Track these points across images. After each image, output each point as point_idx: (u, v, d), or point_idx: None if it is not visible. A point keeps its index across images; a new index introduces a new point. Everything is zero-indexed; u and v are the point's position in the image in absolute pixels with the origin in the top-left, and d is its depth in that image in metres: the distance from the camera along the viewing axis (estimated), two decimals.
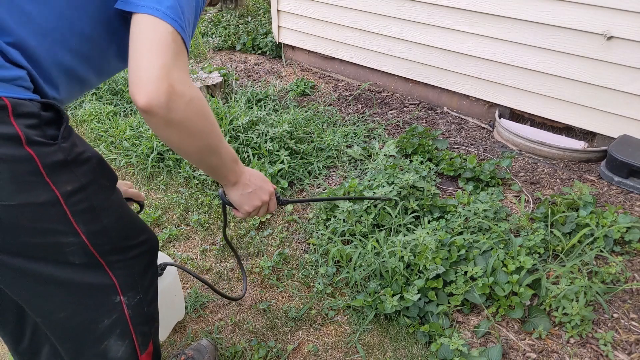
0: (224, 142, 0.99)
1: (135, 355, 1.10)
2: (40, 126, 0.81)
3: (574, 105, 2.63)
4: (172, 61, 0.81)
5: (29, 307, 0.97)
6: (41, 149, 0.81)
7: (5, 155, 0.76)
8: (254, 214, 1.20)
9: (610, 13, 2.29)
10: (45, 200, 0.83)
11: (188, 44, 0.86)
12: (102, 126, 3.04)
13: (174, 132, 0.85)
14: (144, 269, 1.06)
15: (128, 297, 1.03)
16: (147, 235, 1.06)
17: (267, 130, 2.69)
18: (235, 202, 1.15)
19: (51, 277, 0.91)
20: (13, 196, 0.79)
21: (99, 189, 0.92)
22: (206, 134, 0.91)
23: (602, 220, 1.96)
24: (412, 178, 2.13)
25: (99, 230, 0.92)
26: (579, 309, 1.63)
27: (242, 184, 1.11)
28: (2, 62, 0.78)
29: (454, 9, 2.82)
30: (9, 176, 0.78)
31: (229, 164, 1.04)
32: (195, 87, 0.86)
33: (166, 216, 2.37)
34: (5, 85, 0.77)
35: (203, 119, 0.88)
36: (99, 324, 1.01)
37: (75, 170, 0.86)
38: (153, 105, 0.79)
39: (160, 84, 0.79)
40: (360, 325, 1.77)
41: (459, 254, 1.85)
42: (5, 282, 0.92)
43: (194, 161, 0.97)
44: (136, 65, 0.80)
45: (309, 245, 2.15)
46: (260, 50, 4.29)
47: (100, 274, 0.96)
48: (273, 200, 1.23)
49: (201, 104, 0.87)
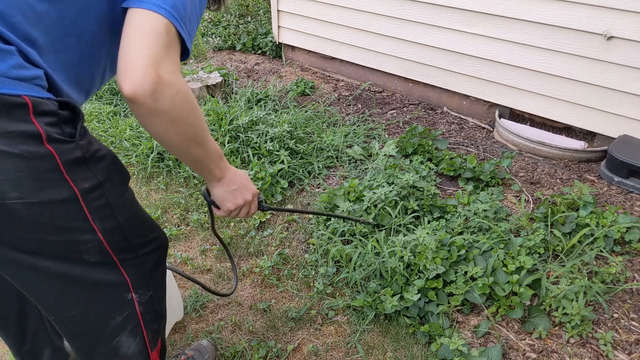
0: (210, 137, 0.99)
1: (146, 352, 1.11)
2: (59, 124, 0.82)
3: (574, 105, 2.63)
4: (163, 52, 0.80)
5: (43, 305, 0.98)
6: (60, 146, 0.81)
7: (27, 153, 0.77)
8: (234, 214, 1.19)
9: (610, 13, 2.29)
10: (64, 197, 0.83)
11: (187, 39, 0.86)
12: (102, 126, 3.04)
13: (159, 122, 0.85)
14: (154, 266, 1.07)
15: (139, 294, 1.03)
16: (157, 233, 1.07)
17: (267, 130, 2.69)
18: (218, 199, 1.15)
19: (65, 275, 0.91)
20: (34, 193, 0.79)
21: (114, 187, 0.92)
22: (191, 125, 0.90)
23: (602, 220, 1.96)
24: (412, 178, 2.13)
25: (114, 227, 0.92)
26: (579, 309, 1.63)
27: (227, 180, 1.11)
28: (22, 62, 0.78)
29: (454, 9, 2.82)
30: (30, 173, 0.78)
31: (214, 158, 1.04)
32: (184, 80, 0.86)
33: (166, 216, 2.37)
34: (25, 84, 0.78)
35: (189, 110, 0.88)
36: (111, 321, 1.02)
37: (92, 167, 0.87)
38: (138, 94, 0.79)
39: (148, 73, 0.78)
40: (360, 325, 1.77)
41: (459, 254, 1.85)
42: (19, 280, 0.92)
43: (180, 153, 0.96)
44: (125, 53, 0.80)
45: (309, 245, 2.15)
46: (260, 50, 4.29)
47: (113, 271, 0.97)
48: (255, 202, 1.22)
49: (188, 96, 0.86)
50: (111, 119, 3.10)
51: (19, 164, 0.77)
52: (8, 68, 0.76)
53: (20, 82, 0.77)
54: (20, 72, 0.77)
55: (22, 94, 0.76)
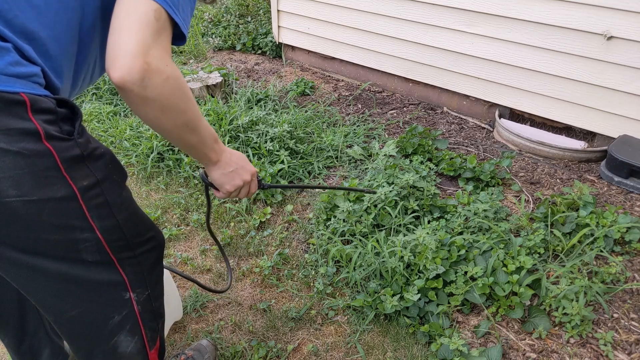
0: (204, 121, 0.98)
1: (145, 351, 1.11)
2: (57, 122, 0.82)
3: (574, 105, 2.63)
4: (152, 38, 0.80)
5: (42, 306, 0.98)
6: (59, 144, 0.81)
7: (26, 150, 0.77)
8: (234, 195, 1.20)
9: (610, 13, 2.29)
10: (63, 195, 0.83)
11: (181, 24, 0.85)
12: (102, 126, 3.04)
13: (150, 108, 0.85)
14: (152, 265, 1.07)
15: (137, 293, 1.03)
16: (155, 232, 1.07)
17: (267, 130, 2.69)
18: (217, 181, 1.15)
19: (64, 275, 0.91)
20: (33, 191, 0.79)
21: (112, 185, 0.92)
22: (183, 112, 0.90)
23: (602, 220, 1.96)
24: (412, 178, 2.13)
25: (112, 226, 0.92)
26: (579, 309, 1.63)
27: (224, 162, 1.11)
28: (19, 59, 0.78)
29: (454, 9, 2.82)
30: (30, 171, 0.78)
31: (209, 142, 1.03)
32: (175, 66, 0.85)
33: (166, 216, 2.37)
34: (23, 81, 0.77)
35: (179, 96, 0.87)
36: (110, 321, 1.02)
37: (91, 165, 0.87)
38: (126, 80, 0.79)
39: (136, 60, 0.78)
40: (360, 325, 1.77)
41: (459, 254, 1.85)
42: (19, 281, 0.92)
43: (173, 139, 0.96)
44: (114, 40, 0.80)
45: (309, 245, 2.15)
46: (260, 50, 4.29)
47: (112, 270, 0.97)
48: (254, 181, 1.22)
49: (178, 82, 0.86)
50: (111, 119, 3.10)
51: (18, 161, 0.76)
52: (5, 65, 0.75)
53: (18, 79, 0.77)
54: (17, 69, 0.77)
55: (20, 91, 0.76)
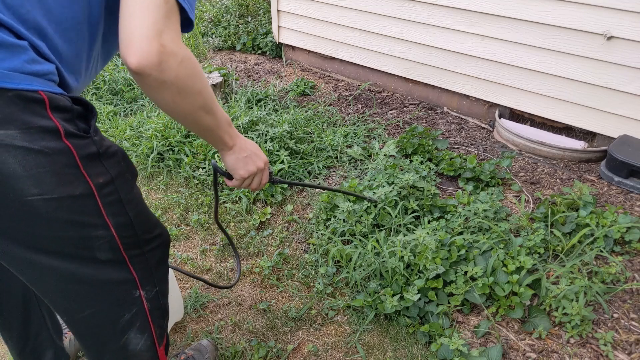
0: (217, 104, 0.98)
1: (154, 348, 1.12)
2: (73, 120, 0.82)
3: (574, 105, 2.63)
4: (164, 21, 0.80)
5: (57, 306, 0.98)
6: (77, 141, 0.82)
7: (47, 148, 0.77)
8: (247, 183, 1.20)
9: (610, 13, 2.29)
10: (81, 192, 0.83)
11: (188, 9, 0.86)
12: (102, 126, 3.04)
13: (167, 92, 0.85)
14: (158, 262, 1.07)
15: (146, 290, 1.04)
16: (161, 229, 1.08)
17: (267, 130, 2.69)
18: (230, 167, 1.15)
19: (77, 276, 0.91)
20: (53, 189, 0.80)
21: (125, 182, 0.93)
22: (199, 93, 0.90)
23: (602, 220, 1.96)
24: (412, 178, 2.13)
25: (125, 222, 0.93)
26: (579, 309, 1.63)
27: (238, 147, 1.12)
28: (35, 56, 0.78)
29: (454, 9, 2.82)
30: (51, 169, 0.78)
31: (224, 125, 1.03)
32: (187, 48, 0.85)
33: (166, 216, 2.37)
34: (40, 79, 0.78)
35: (195, 78, 0.88)
36: (121, 319, 1.02)
37: (106, 162, 0.88)
38: (145, 65, 0.78)
39: (152, 44, 0.78)
40: (360, 325, 1.77)
41: (459, 254, 1.85)
42: (32, 280, 0.92)
43: (189, 123, 0.96)
44: (127, 26, 0.79)
45: (309, 245, 2.15)
46: (260, 50, 4.29)
47: (123, 269, 0.97)
48: (267, 171, 1.22)
49: (193, 63, 0.86)
50: (111, 119, 3.10)
51: (39, 160, 0.77)
52: (22, 63, 0.75)
53: (35, 77, 0.77)
54: (34, 67, 0.77)
55: (38, 90, 0.76)
